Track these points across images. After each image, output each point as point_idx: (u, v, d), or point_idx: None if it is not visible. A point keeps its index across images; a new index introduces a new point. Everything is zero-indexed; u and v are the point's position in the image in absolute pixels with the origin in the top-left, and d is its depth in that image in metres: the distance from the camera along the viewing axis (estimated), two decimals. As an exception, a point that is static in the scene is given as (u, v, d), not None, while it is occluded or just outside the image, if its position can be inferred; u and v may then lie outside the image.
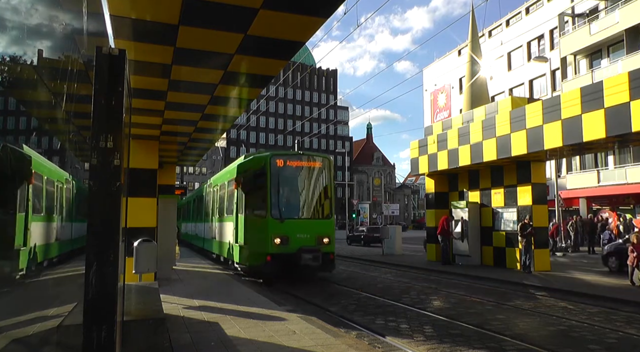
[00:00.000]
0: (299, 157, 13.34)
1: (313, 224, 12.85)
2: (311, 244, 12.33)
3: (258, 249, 12.50)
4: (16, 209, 8.72)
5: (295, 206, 13.02)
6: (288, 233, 12.24)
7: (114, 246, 3.33)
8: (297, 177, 13.21)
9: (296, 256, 12.01)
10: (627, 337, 7.16)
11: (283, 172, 12.89)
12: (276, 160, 12.85)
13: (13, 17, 4.68)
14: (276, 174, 12.70)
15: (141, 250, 8.78)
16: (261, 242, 12.37)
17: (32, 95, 6.94)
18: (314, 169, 13.37)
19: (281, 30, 5.64)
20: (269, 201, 12.36)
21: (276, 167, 12.76)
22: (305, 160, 13.29)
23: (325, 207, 13.37)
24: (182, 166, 55.77)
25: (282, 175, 12.86)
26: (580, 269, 15.81)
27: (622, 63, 27.43)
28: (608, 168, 30.48)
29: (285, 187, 13.01)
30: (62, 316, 5.77)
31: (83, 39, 5.92)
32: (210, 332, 6.58)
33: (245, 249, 13.15)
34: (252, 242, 12.85)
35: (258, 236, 12.59)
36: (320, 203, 13.38)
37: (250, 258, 12.84)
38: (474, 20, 24.92)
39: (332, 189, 13.64)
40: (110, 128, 3.38)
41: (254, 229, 12.80)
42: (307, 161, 13.30)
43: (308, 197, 13.30)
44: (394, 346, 6.45)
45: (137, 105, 8.19)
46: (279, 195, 12.73)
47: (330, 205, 13.39)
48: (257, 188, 12.80)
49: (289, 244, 12.13)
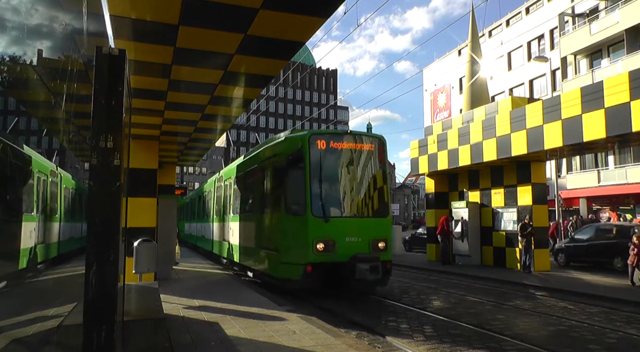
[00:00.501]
0: (345, 138, 10.52)
1: (366, 224, 10.23)
2: (364, 250, 9.81)
3: (293, 257, 9.84)
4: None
5: (343, 201, 10.31)
6: (334, 236, 9.69)
7: (114, 246, 3.33)
8: (344, 163, 10.39)
9: (348, 266, 9.45)
10: (627, 337, 7.16)
11: (326, 157, 10.21)
12: (316, 141, 10.07)
13: (13, 17, 4.68)
14: (317, 160, 10.03)
15: (141, 250, 8.79)
16: (298, 249, 9.77)
17: (32, 95, 6.94)
18: (365, 153, 10.65)
19: (281, 30, 5.64)
20: (309, 195, 9.70)
21: (317, 150, 10.05)
22: (353, 141, 10.50)
23: (379, 201, 10.65)
24: (182, 166, 55.76)
25: (324, 160, 10.17)
26: (580, 269, 15.80)
27: (622, 63, 27.42)
28: (608, 168, 30.47)
29: (329, 176, 10.28)
30: (62, 316, 5.77)
31: (83, 39, 5.92)
32: (210, 332, 6.58)
33: (274, 257, 10.35)
34: (284, 249, 10.08)
35: (293, 240, 9.94)
36: (374, 197, 10.65)
37: (282, 269, 10.11)
38: (474, 20, 24.93)
39: (387, 178, 10.95)
40: (110, 128, 3.39)
41: (288, 231, 10.11)
42: (356, 142, 10.53)
43: (358, 189, 10.51)
44: (394, 346, 6.45)
45: (137, 105, 8.19)
46: (321, 186, 10.03)
47: (385, 199, 10.75)
48: (290, 178, 10.16)
49: (336, 250, 9.64)
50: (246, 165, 13.41)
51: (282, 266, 10.08)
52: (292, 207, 10.05)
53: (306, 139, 10.08)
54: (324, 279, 9.66)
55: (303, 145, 10.04)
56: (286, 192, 10.24)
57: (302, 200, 9.78)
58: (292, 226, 10.02)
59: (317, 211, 9.74)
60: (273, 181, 10.71)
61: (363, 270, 9.36)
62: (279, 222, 10.34)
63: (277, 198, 10.51)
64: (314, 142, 10.09)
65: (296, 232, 9.90)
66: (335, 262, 9.58)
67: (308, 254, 9.54)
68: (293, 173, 10.09)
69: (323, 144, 10.16)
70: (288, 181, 10.19)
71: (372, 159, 10.73)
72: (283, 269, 10.07)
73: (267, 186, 11.04)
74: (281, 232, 10.22)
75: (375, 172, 10.78)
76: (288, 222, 10.11)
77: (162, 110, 8.95)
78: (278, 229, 10.34)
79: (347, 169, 10.38)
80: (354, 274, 9.35)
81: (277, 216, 10.44)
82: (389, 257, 10.28)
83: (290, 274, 9.86)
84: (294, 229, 9.96)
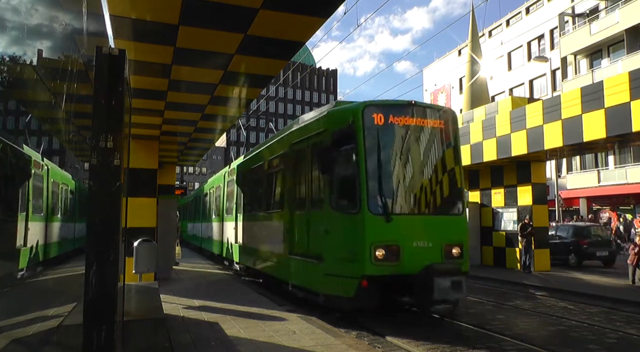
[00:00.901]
0: (409, 110, 8.03)
1: (437, 224, 7.91)
2: (436, 258, 7.45)
3: (343, 267, 7.49)
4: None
5: (408, 193, 7.98)
6: (399, 240, 7.33)
7: (114, 246, 3.33)
8: (408, 143, 8.02)
9: (421, 281, 7.07)
10: (627, 337, 7.15)
11: (385, 136, 7.83)
12: (372, 115, 7.68)
13: (13, 17, 4.68)
14: (374, 139, 7.67)
15: (141, 250, 8.80)
16: (350, 257, 7.42)
17: (32, 95, 6.94)
18: (434, 131, 8.22)
19: (281, 30, 5.64)
20: (364, 185, 7.35)
21: (373, 126, 7.66)
22: (419, 115, 8.08)
23: (452, 194, 8.34)
24: (182, 166, 55.72)
25: (383, 140, 7.79)
26: (580, 269, 15.81)
27: (622, 63, 27.43)
28: (608, 168, 30.48)
29: (389, 160, 7.88)
30: (62, 316, 5.77)
31: (83, 39, 5.92)
32: (210, 332, 6.58)
33: (315, 267, 7.96)
34: (330, 257, 7.70)
35: (343, 245, 7.57)
36: (446, 188, 8.31)
37: (327, 283, 7.75)
38: (474, 20, 24.96)
39: (460, 164, 8.58)
40: (110, 128, 3.39)
41: (335, 233, 7.70)
42: (423, 116, 8.12)
43: (426, 177, 8.17)
44: (394, 346, 6.45)
45: (137, 105, 8.19)
46: (380, 174, 7.59)
47: (459, 191, 8.50)
48: (337, 164, 7.80)
49: (401, 259, 7.26)
50: (268, 153, 11.08)
51: (326, 279, 7.73)
52: (341, 202, 7.75)
53: (359, 111, 7.63)
54: (384, 297, 7.31)
55: (355, 121, 7.60)
56: (331, 182, 7.84)
57: (355, 192, 7.44)
58: (341, 227, 7.66)
59: (375, 206, 7.36)
60: (311, 169, 8.46)
61: (444, 287, 6.95)
62: (322, 221, 7.95)
63: (318, 191, 8.26)
64: (369, 116, 7.63)
65: (347, 235, 7.57)
66: (401, 275, 7.21)
67: (364, 264, 7.12)
68: (341, 157, 7.79)
69: (381, 119, 7.71)
70: (334, 168, 7.78)
71: (442, 139, 8.32)
72: (328, 283, 7.73)
73: (301, 176, 8.82)
74: (325, 234, 7.83)
75: (446, 155, 8.36)
76: (335, 221, 7.74)
77: (162, 110, 8.96)
78: (320, 231, 7.96)
79: (412, 152, 8.04)
80: (430, 292, 6.92)
81: (318, 214, 8.11)
82: (466, 268, 7.83)
83: (339, 289, 7.56)
84: (344, 230, 7.62)
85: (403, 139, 7.98)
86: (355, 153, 7.55)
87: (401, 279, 7.23)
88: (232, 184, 14.85)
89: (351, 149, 7.63)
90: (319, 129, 8.40)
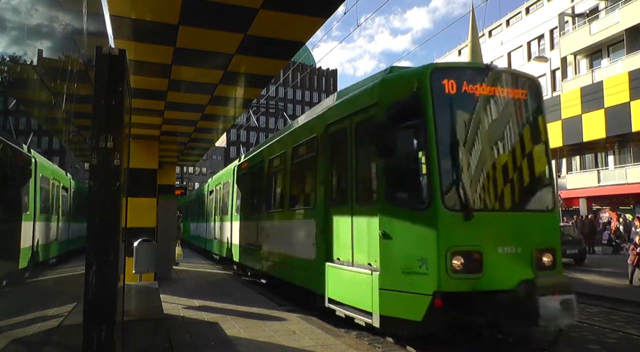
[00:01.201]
0: (485, 76, 6.18)
1: (525, 224, 6.04)
2: (526, 268, 5.75)
3: (406, 281, 5.73)
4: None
5: (490, 184, 6.12)
6: (482, 245, 5.64)
7: (114, 246, 3.34)
8: (486, 118, 6.20)
9: (519, 299, 5.35)
10: (627, 337, 7.15)
11: (458, 108, 5.99)
12: (442, 82, 5.90)
13: (13, 17, 4.68)
14: (446, 112, 5.88)
15: (141, 250, 8.81)
16: (416, 266, 5.65)
17: (32, 95, 6.94)
18: (517, 104, 6.40)
19: (281, 30, 5.65)
20: (436, 172, 5.64)
21: (444, 95, 5.88)
22: (498, 83, 6.27)
23: (541, 184, 6.51)
24: (182, 166, 55.67)
25: (457, 113, 5.97)
26: (580, 269, 15.80)
27: (622, 63, 27.43)
28: (608, 168, 30.48)
29: (465, 140, 5.98)
30: (62, 316, 5.78)
31: (83, 39, 5.93)
32: (210, 332, 6.58)
33: (367, 280, 6.17)
34: (388, 266, 5.94)
35: (407, 251, 5.84)
36: (533, 177, 6.47)
37: (385, 301, 5.90)
38: (474, 20, 24.90)
39: (548, 146, 6.63)
40: (110, 128, 3.39)
41: (395, 236, 5.94)
42: (502, 85, 6.31)
43: (510, 163, 6.28)
44: (394, 346, 6.44)
45: (137, 105, 8.20)
46: (455, 158, 5.75)
47: (549, 181, 6.61)
48: (397, 145, 6.04)
49: (485, 269, 5.58)
50: (292, 140, 9.31)
51: (382, 296, 5.87)
52: (401, 194, 6.09)
53: (427, 76, 5.82)
54: (461, 320, 5.54)
55: (421, 89, 5.80)
56: (387, 169, 6.09)
57: (424, 182, 5.75)
58: (403, 227, 5.85)
59: (452, 200, 5.59)
60: (355, 153, 6.75)
61: (553, 310, 5.20)
62: (374, 220, 6.14)
63: (367, 181, 6.64)
64: (438, 83, 5.82)
65: (411, 238, 5.78)
66: (487, 291, 5.43)
67: (438, 277, 5.38)
68: (401, 137, 6.00)
69: (452, 86, 5.88)
70: (391, 151, 6.04)
71: (526, 114, 6.49)
72: (385, 300, 5.85)
73: (342, 164, 7.13)
74: (379, 236, 5.98)
75: (532, 135, 6.48)
76: (393, 220, 5.94)
77: (162, 110, 8.96)
78: (371, 232, 6.18)
79: (491, 130, 6.19)
80: (534, 316, 5.22)
81: (367, 210, 6.37)
82: (563, 280, 6.05)
83: (401, 310, 5.74)
84: (407, 231, 5.82)
85: (480, 112, 6.12)
86: (423, 130, 5.77)
87: (485, 297, 5.42)
88: (244, 179, 13.22)
89: (416, 125, 5.87)
90: (368, 102, 6.54)
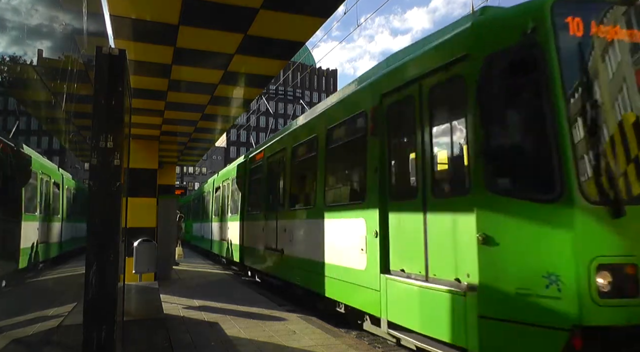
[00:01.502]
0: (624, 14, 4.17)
1: None
2: None
3: (525, 308, 3.85)
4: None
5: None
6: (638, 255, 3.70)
7: (114, 246, 3.34)
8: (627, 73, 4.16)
9: None
10: (627, 337, 7.14)
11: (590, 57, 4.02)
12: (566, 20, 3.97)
13: (13, 17, 4.68)
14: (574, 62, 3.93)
15: (141, 250, 8.82)
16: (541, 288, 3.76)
17: (32, 95, 6.94)
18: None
19: (281, 30, 5.65)
20: (569, 150, 3.75)
21: (570, 39, 3.95)
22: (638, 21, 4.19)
23: None
24: (182, 166, 55.77)
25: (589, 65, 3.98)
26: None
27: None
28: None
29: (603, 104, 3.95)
30: (62, 316, 5.78)
31: (83, 39, 5.93)
32: (210, 332, 6.58)
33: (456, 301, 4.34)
34: (492, 284, 4.06)
35: (523, 262, 3.96)
36: None
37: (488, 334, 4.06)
38: (474, 20, 24.94)
39: None
40: (110, 128, 3.40)
41: (504, 240, 4.05)
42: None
43: None
44: (394, 346, 6.45)
45: (137, 105, 8.21)
46: (593, 131, 3.81)
47: None
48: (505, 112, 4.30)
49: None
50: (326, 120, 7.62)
51: (483, 326, 4.11)
52: (515, 180, 4.25)
53: (546, 10, 3.98)
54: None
55: (540, 29, 3.98)
56: (488, 147, 4.26)
57: (553, 162, 3.86)
58: (518, 228, 4.05)
59: (593, 188, 3.80)
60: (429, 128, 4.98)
61: None
62: (465, 217, 4.39)
63: (451, 164, 4.83)
64: (561, 20, 3.99)
65: (533, 244, 3.96)
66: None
67: (577, 304, 3.63)
68: (509, 100, 4.29)
69: (579, 26, 4.01)
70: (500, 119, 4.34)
71: None
72: (488, 333, 4.10)
73: (408, 143, 5.55)
74: (477, 242, 4.18)
75: None
76: (504, 217, 4.11)
77: (162, 110, 8.97)
78: (462, 235, 4.41)
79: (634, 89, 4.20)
80: None
81: (453, 204, 4.63)
82: None
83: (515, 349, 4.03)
84: (527, 234, 4.00)
85: (620, 64, 4.19)
86: (545, 88, 3.96)
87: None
88: (259, 172, 11.39)
89: (534, 82, 4.10)
90: (451, 56, 4.69)
